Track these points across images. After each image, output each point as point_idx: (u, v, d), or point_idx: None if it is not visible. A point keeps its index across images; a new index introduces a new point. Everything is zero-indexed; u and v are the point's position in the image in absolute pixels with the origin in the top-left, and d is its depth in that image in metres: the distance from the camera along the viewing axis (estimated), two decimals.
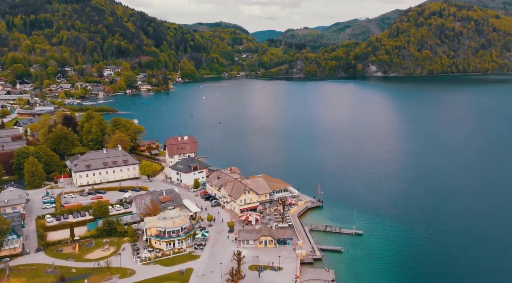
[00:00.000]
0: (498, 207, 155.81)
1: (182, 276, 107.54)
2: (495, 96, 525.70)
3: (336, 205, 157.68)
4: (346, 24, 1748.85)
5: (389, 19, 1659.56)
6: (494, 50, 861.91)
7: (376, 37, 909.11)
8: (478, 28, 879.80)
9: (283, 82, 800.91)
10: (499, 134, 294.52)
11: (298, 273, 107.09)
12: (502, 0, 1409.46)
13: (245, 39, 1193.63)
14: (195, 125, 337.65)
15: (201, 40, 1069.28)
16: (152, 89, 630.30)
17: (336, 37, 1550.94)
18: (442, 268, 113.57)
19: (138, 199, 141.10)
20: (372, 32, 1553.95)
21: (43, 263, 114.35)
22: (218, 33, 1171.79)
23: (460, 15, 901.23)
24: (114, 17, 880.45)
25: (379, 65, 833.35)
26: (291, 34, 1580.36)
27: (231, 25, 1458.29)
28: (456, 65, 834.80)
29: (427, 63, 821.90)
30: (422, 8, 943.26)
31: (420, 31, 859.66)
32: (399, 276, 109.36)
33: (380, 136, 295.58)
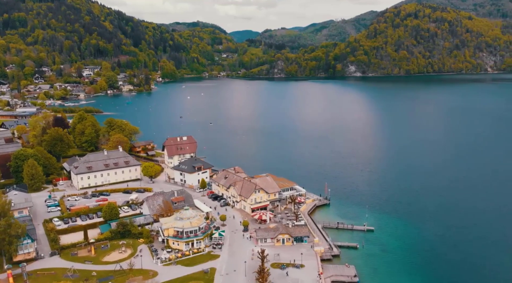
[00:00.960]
0: (503, 202, 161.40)
1: (206, 276, 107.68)
2: (470, 95, 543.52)
3: (343, 203, 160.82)
4: (322, 25, 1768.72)
5: (364, 20, 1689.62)
6: (468, 50, 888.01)
7: (355, 38, 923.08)
8: (452, 29, 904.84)
9: (266, 82, 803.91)
10: (484, 132, 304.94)
11: (320, 270, 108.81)
12: (472, 1, 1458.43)
13: (225, 39, 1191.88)
14: (186, 126, 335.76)
15: (180, 39, 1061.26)
16: (134, 90, 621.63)
17: (313, 38, 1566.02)
18: (455, 261, 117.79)
19: (150, 200, 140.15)
20: (348, 33, 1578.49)
21: (60, 267, 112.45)
22: (197, 33, 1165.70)
23: (434, 17, 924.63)
24: (91, 16, 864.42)
25: (358, 65, 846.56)
26: (269, 35, 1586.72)
27: (209, 25, 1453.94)
28: (432, 65, 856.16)
29: (404, 63, 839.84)
30: (398, 9, 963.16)
31: (396, 32, 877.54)
32: (416, 270, 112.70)
33: (369, 135, 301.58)
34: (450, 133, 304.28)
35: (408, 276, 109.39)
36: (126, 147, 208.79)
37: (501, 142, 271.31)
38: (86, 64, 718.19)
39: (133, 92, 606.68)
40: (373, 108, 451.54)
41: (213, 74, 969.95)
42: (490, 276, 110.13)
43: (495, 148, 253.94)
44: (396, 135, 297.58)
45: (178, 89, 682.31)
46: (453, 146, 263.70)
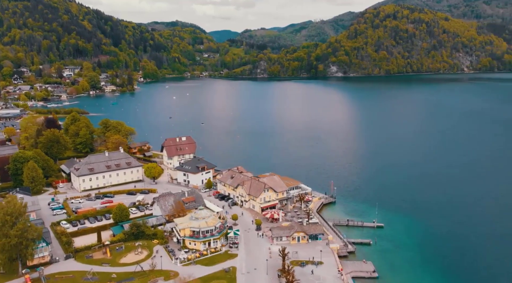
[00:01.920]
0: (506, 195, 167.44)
1: (228, 275, 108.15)
2: (448, 94, 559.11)
3: (348, 200, 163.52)
4: (301, 25, 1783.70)
5: (342, 21, 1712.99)
6: (445, 50, 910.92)
7: (336, 39, 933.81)
8: (429, 30, 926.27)
9: (249, 82, 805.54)
10: (475, 128, 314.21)
11: (340, 266, 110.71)
12: (447, 3, 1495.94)
13: (206, 39, 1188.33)
14: (177, 126, 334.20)
15: (161, 39, 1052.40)
16: (117, 90, 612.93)
17: (293, 38, 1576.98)
18: (466, 253, 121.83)
19: (161, 201, 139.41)
20: (327, 33, 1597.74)
21: (77, 270, 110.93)
22: (177, 33, 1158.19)
23: (412, 18, 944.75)
24: (69, 15, 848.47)
25: (339, 66, 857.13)
26: (249, 35, 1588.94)
27: (189, 25, 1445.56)
28: (411, 65, 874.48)
29: (384, 63, 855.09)
30: (377, 10, 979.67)
31: (376, 33, 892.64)
32: (431, 264, 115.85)
33: (363, 133, 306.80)
34: (442, 130, 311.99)
35: (424, 270, 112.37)
36: (126, 148, 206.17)
37: (498, 139, 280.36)
38: (66, 65, 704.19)
39: (116, 92, 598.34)
40: (360, 108, 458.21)
41: (195, 74, 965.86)
42: (503, 268, 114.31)
43: (493, 145, 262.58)
44: (389, 133, 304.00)
45: (161, 89, 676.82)
46: (448, 141, 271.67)
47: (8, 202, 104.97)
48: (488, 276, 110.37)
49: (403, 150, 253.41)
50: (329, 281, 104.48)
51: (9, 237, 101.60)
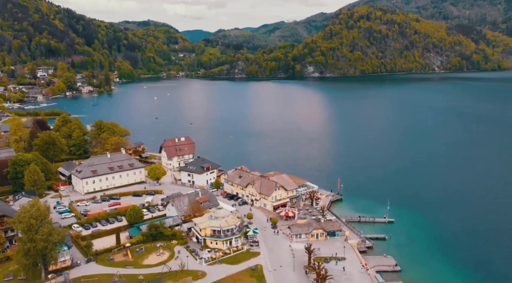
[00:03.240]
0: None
1: (255, 273, 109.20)
2: (420, 93, 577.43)
3: (355, 197, 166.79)
4: (274, 26, 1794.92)
5: (315, 22, 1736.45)
6: (416, 51, 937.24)
7: (312, 39, 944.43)
8: (401, 31, 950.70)
9: (228, 82, 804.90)
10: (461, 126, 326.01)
11: (363, 261, 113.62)
12: (415, 4, 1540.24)
13: (180, 39, 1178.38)
14: (165, 127, 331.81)
15: (135, 39, 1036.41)
16: (94, 91, 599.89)
17: (267, 39, 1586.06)
18: (477, 244, 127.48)
19: (176, 201, 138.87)
20: (300, 34, 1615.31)
21: (101, 273, 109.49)
22: (151, 32, 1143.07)
23: (385, 19, 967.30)
24: (39, 14, 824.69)
25: (315, 66, 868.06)
26: (223, 35, 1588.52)
27: (161, 24, 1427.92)
28: (385, 65, 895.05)
29: (359, 64, 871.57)
30: (351, 11, 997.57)
31: (351, 34, 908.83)
32: (447, 256, 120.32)
33: (347, 132, 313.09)
34: (430, 126, 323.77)
35: (443, 262, 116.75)
36: (126, 149, 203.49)
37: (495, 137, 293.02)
38: (39, 65, 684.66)
39: (94, 93, 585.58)
40: (343, 107, 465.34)
41: (171, 74, 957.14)
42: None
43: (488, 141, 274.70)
44: (379, 131, 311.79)
45: (139, 89, 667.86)
46: (441, 137, 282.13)
47: (32, 205, 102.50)
48: (501, 263, 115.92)
49: (400, 146, 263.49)
50: (356, 276, 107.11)
51: (35, 241, 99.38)
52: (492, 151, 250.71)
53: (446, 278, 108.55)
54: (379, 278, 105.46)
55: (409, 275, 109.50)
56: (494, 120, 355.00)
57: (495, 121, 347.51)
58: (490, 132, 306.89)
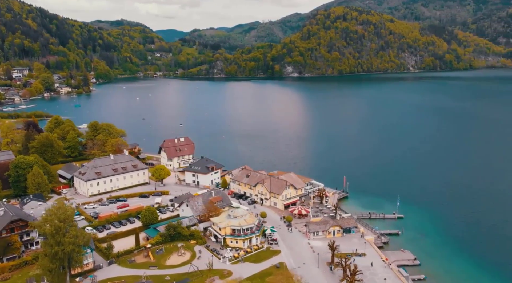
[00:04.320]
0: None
1: (281, 270, 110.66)
2: (403, 92, 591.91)
3: (360, 194, 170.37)
4: (250, 26, 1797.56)
5: (290, 22, 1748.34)
6: (392, 51, 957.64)
7: (290, 39, 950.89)
8: (377, 31, 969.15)
9: (208, 82, 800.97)
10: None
11: (384, 256, 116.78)
12: (387, 5, 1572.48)
13: (157, 38, 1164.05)
14: (154, 128, 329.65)
15: (110, 38, 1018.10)
16: (73, 92, 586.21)
17: (243, 39, 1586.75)
18: (487, 236, 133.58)
19: (191, 201, 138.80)
20: (276, 34, 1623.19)
21: (126, 275, 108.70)
22: (127, 32, 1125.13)
23: (361, 19, 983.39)
24: (12, 14, 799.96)
25: (294, 66, 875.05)
26: (198, 34, 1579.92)
27: (135, 23, 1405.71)
28: (361, 65, 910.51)
29: (336, 64, 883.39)
30: (328, 12, 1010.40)
31: (328, 34, 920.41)
32: (460, 248, 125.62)
33: (337, 130, 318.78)
34: (422, 123, 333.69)
35: (458, 254, 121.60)
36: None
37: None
38: (13, 66, 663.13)
39: (73, 94, 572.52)
40: (326, 107, 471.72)
41: (149, 74, 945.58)
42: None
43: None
44: (375, 129, 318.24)
45: (118, 90, 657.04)
46: (433, 133, 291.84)
47: (59, 208, 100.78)
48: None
49: (398, 143, 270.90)
50: (380, 271, 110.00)
51: (62, 245, 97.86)
52: (487, 144, 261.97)
53: (465, 270, 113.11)
54: (403, 272, 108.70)
55: (429, 269, 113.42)
56: (481, 117, 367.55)
57: (485, 119, 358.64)
58: (481, 129, 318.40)
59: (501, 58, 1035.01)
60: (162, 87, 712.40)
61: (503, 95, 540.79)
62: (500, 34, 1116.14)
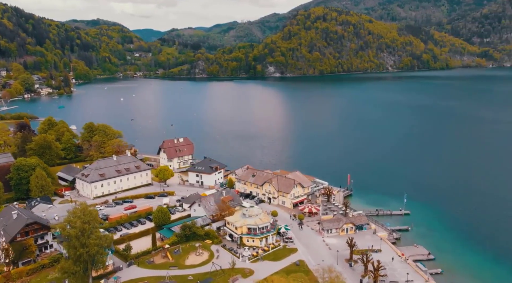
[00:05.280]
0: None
1: (301, 268, 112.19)
2: (382, 91, 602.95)
3: (364, 192, 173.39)
4: (228, 26, 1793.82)
5: (268, 22, 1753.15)
6: (371, 51, 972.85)
7: (271, 39, 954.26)
8: (356, 31, 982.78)
9: (191, 82, 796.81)
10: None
11: (399, 252, 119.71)
12: (364, 6, 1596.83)
13: (135, 38, 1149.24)
14: (144, 129, 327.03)
15: (88, 38, 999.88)
16: (54, 93, 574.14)
17: (222, 39, 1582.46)
18: (493, 229, 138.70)
19: (203, 201, 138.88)
20: (255, 34, 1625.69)
21: (148, 276, 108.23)
22: (105, 31, 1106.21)
23: (340, 20, 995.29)
24: None
25: (276, 66, 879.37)
26: (176, 34, 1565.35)
27: (111, 23, 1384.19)
28: (342, 65, 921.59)
29: (318, 64, 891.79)
30: (308, 12, 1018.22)
31: (309, 34, 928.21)
32: (469, 241, 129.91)
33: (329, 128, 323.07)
34: (414, 122, 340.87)
35: (470, 248, 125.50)
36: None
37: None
38: None
39: (54, 95, 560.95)
40: (311, 106, 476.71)
41: (129, 74, 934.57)
42: None
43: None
44: (371, 127, 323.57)
45: (100, 91, 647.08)
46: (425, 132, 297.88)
47: (82, 210, 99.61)
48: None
49: (395, 140, 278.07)
50: (398, 266, 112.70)
51: (87, 246, 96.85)
52: (482, 140, 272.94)
53: (479, 263, 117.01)
54: (421, 267, 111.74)
55: (444, 263, 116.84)
56: (473, 115, 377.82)
57: (477, 116, 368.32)
58: (475, 126, 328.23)
59: (476, 57, 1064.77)
60: (145, 88, 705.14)
61: (485, 94, 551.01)
62: (474, 34, 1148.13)
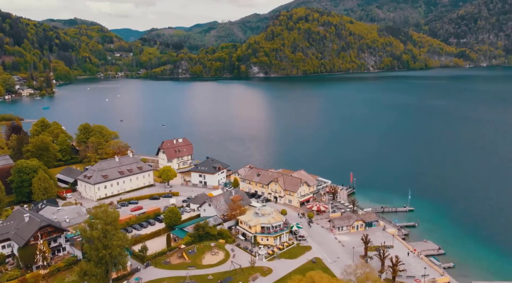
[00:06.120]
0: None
1: (319, 265, 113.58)
2: (369, 91, 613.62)
3: (366, 189, 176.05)
4: (209, 26, 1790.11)
5: (249, 23, 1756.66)
6: (352, 51, 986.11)
7: (255, 40, 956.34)
8: (338, 32, 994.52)
9: (175, 82, 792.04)
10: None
11: (411, 248, 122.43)
12: (343, 7, 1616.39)
13: (115, 38, 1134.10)
14: (135, 129, 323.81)
15: (67, 38, 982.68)
16: (36, 94, 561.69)
17: (203, 38, 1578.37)
18: (498, 221, 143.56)
19: (214, 201, 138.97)
20: (236, 34, 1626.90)
21: (168, 277, 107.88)
22: (84, 31, 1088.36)
23: (322, 21, 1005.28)
24: None
25: (260, 66, 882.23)
26: (156, 34, 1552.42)
27: (89, 23, 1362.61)
28: (324, 66, 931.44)
29: (301, 64, 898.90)
30: (290, 13, 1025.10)
31: (291, 35, 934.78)
32: (475, 235, 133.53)
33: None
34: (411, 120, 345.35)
35: (477, 242, 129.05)
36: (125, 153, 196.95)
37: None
38: None
39: (36, 96, 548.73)
40: (299, 106, 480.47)
41: (110, 74, 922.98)
42: None
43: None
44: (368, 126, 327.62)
45: (83, 91, 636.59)
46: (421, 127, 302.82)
47: (104, 211, 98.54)
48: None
49: (396, 140, 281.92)
50: (412, 261, 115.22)
51: (110, 248, 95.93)
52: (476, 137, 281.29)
53: (488, 255, 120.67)
54: (435, 261, 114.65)
55: (454, 257, 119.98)
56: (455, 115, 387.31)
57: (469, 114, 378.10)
58: (469, 124, 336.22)
59: (453, 58, 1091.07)
60: (128, 88, 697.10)
61: (474, 93, 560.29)
62: (451, 35, 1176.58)
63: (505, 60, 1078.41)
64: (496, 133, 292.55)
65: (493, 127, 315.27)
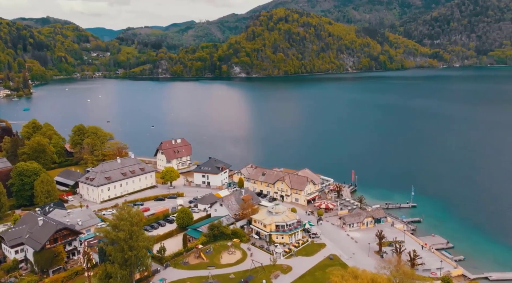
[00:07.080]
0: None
1: (337, 261, 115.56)
2: (349, 91, 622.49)
3: (367, 187, 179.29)
4: (186, 25, 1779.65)
5: (227, 23, 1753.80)
6: (332, 52, 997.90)
7: (236, 40, 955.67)
8: (317, 33, 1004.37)
9: (155, 82, 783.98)
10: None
11: (421, 242, 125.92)
12: (320, 8, 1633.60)
13: (92, 37, 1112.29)
14: (124, 130, 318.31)
15: (41, 37, 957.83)
16: (13, 95, 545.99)
17: (180, 38, 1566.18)
18: (500, 214, 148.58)
19: (226, 201, 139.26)
20: (214, 34, 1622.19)
21: (190, 277, 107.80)
22: (59, 30, 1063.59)
23: (302, 21, 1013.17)
24: None
25: (242, 66, 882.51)
26: (133, 33, 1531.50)
27: (63, 21, 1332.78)
28: (305, 66, 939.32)
29: (282, 64, 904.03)
30: (270, 13, 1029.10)
31: (272, 35, 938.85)
32: (481, 230, 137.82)
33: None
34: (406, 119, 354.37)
35: (482, 235, 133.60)
36: (125, 154, 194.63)
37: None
38: None
39: (14, 97, 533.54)
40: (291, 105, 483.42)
41: (87, 74, 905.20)
42: None
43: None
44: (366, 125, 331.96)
45: (62, 92, 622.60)
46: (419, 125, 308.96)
47: (129, 212, 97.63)
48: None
49: (395, 139, 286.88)
50: (423, 255, 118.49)
51: (135, 249, 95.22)
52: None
53: (496, 248, 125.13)
54: (447, 254, 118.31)
55: (463, 250, 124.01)
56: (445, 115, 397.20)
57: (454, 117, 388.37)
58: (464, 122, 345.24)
59: (428, 58, 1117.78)
60: (108, 88, 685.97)
61: (447, 92, 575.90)
62: (425, 36, 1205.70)
63: (477, 60, 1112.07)
64: (488, 132, 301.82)
65: (479, 125, 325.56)
